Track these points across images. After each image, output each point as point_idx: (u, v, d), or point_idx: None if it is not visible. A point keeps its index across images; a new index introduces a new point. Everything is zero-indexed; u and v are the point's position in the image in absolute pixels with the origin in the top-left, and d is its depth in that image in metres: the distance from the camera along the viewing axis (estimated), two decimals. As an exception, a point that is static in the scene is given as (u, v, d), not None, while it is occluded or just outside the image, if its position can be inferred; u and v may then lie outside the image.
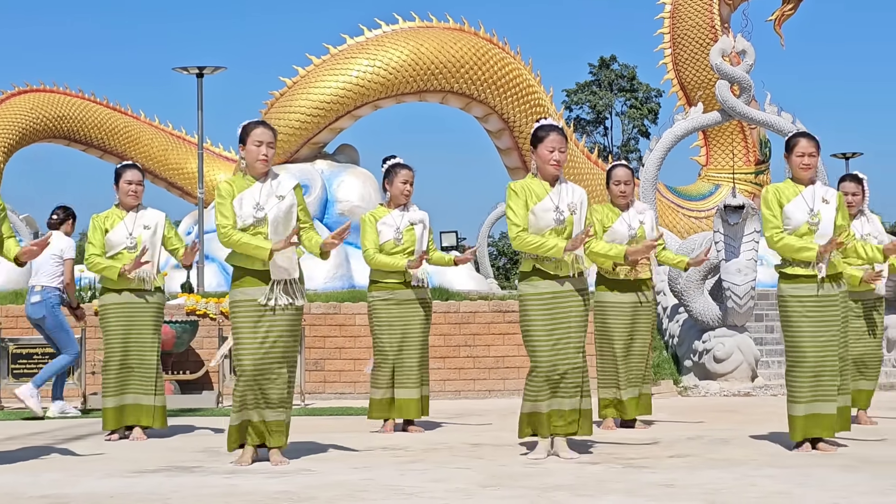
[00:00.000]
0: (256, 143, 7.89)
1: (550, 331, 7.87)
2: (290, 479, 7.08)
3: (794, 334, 8.23)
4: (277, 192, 7.90)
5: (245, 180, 7.94)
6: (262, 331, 7.77)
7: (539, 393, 7.89)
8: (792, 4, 23.67)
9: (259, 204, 7.83)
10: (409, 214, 10.04)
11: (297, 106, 20.31)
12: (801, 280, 8.21)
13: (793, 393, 8.23)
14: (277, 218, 7.83)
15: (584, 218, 8.02)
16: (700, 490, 6.50)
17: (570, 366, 7.87)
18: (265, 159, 7.90)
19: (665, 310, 16.36)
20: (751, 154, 24.09)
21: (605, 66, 65.29)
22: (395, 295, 9.96)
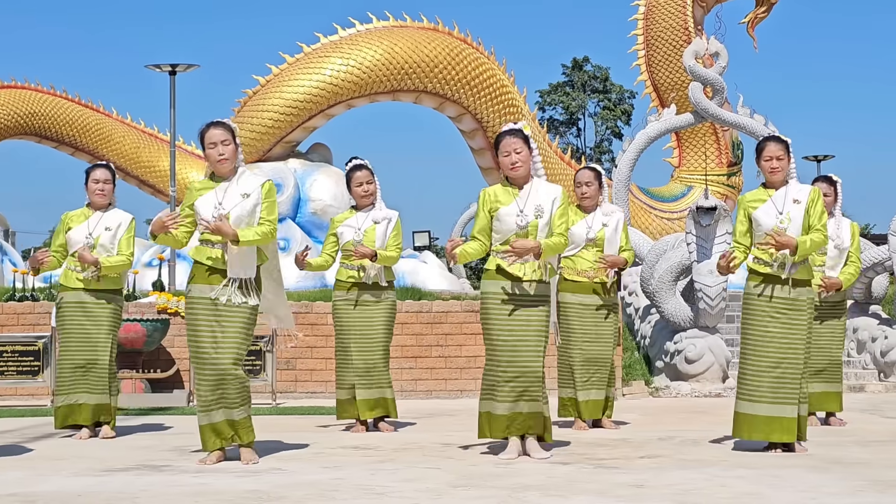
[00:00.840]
0: (210, 145, 7.90)
1: (509, 330, 7.87)
2: (261, 479, 7.05)
3: (756, 333, 8.24)
4: (242, 190, 7.87)
5: (211, 182, 7.94)
6: (215, 329, 7.74)
7: (494, 391, 7.88)
8: (765, 7, 23.75)
9: (221, 203, 7.81)
10: (374, 213, 10.01)
11: (271, 104, 20.26)
12: (770, 280, 8.24)
13: (745, 391, 8.26)
14: (240, 217, 7.80)
15: (555, 215, 7.97)
16: (670, 491, 6.50)
17: (526, 370, 7.86)
18: (224, 158, 7.88)
19: (637, 311, 16.40)
20: (723, 156, 24.16)
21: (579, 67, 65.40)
22: (356, 295, 9.93)
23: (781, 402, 8.17)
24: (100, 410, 9.57)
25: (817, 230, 8.20)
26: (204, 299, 7.78)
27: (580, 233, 9.99)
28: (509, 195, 8.01)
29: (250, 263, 7.84)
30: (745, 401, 8.30)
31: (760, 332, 8.22)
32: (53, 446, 9.04)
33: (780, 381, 8.17)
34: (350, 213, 10.11)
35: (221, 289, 7.75)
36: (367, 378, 9.88)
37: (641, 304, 16.27)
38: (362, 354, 9.89)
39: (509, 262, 7.89)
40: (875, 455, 8.12)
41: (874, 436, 9.51)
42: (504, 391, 7.88)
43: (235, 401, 7.77)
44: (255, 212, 7.87)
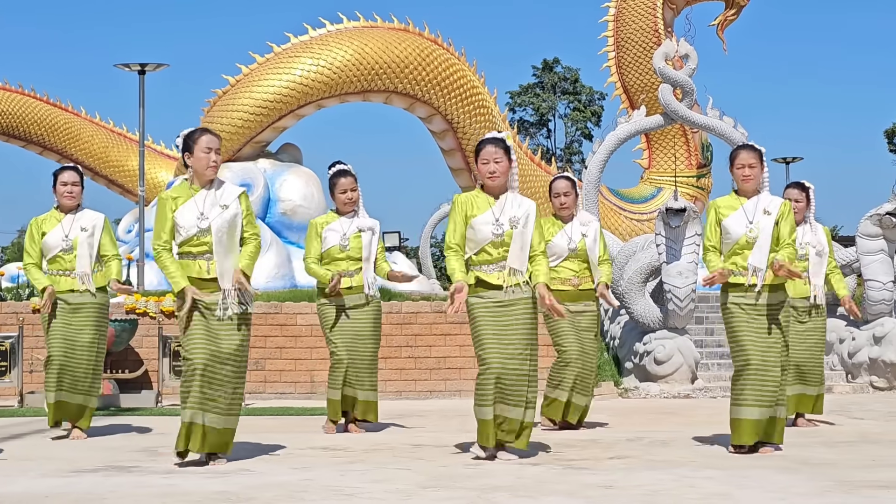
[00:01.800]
0: (206, 149, 7.82)
1: (498, 335, 7.86)
2: (230, 480, 7.03)
3: (736, 341, 8.29)
4: (221, 201, 7.83)
5: (190, 189, 7.87)
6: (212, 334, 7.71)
7: (487, 396, 7.86)
8: (734, 10, 23.85)
9: (203, 214, 7.77)
10: (359, 221, 10.01)
11: (240, 104, 20.20)
12: (741, 289, 8.27)
13: (737, 398, 8.29)
14: (221, 228, 7.77)
15: (531, 231, 7.96)
16: (639, 491, 6.52)
17: (516, 373, 7.86)
18: (215, 166, 7.86)
19: (606, 312, 16.42)
20: (693, 158, 24.24)
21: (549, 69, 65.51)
22: (341, 300, 9.92)
23: (769, 405, 8.20)
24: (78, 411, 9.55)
25: (787, 245, 8.30)
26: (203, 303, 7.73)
27: (561, 244, 10.03)
28: (485, 203, 7.99)
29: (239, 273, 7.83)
30: (734, 406, 8.31)
31: (743, 338, 8.25)
32: (21, 447, 8.99)
33: (760, 384, 8.20)
34: (331, 216, 10.08)
35: (220, 302, 7.72)
36: (356, 379, 9.87)
37: (611, 306, 16.29)
38: (351, 356, 9.88)
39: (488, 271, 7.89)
40: (842, 456, 8.16)
41: (842, 437, 9.56)
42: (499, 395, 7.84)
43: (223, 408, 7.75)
44: (236, 223, 7.84)
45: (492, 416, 7.83)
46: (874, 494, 6.39)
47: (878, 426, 10.55)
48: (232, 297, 7.75)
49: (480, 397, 7.88)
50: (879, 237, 14.88)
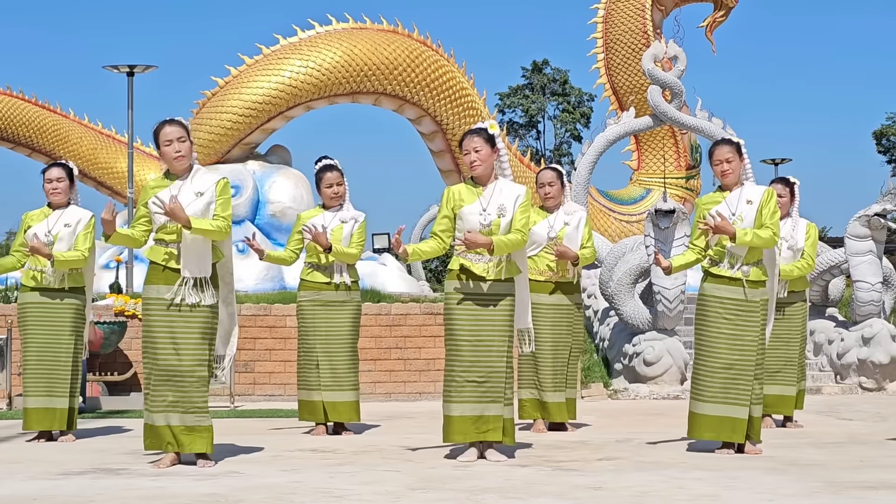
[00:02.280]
0: (166, 142, 7.86)
1: (473, 331, 7.87)
2: (218, 482, 7.02)
3: (709, 334, 8.29)
4: (196, 188, 7.84)
5: (166, 180, 7.90)
6: (176, 331, 7.69)
7: (459, 393, 7.86)
8: (723, 11, 23.86)
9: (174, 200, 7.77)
10: (342, 213, 10.02)
11: (229, 106, 20.18)
12: (723, 281, 8.28)
13: (699, 391, 8.30)
14: (195, 214, 7.76)
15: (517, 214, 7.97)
16: (628, 493, 6.53)
17: (491, 370, 7.86)
18: (180, 156, 7.86)
19: (596, 313, 16.44)
20: (682, 159, 24.26)
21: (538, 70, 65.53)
22: (322, 296, 9.92)
23: (732, 402, 8.22)
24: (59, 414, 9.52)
25: (767, 227, 8.25)
26: (160, 300, 7.73)
27: (541, 232, 10.01)
28: (473, 194, 8.04)
29: (205, 261, 7.78)
30: (697, 400, 8.36)
31: (714, 332, 8.29)
32: (8, 449, 8.97)
33: (732, 382, 8.22)
34: (317, 210, 10.10)
35: (177, 288, 7.71)
36: (332, 380, 9.86)
37: (600, 307, 16.31)
38: (328, 356, 9.88)
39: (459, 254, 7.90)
40: (831, 457, 8.18)
41: (830, 437, 9.58)
42: (466, 392, 7.85)
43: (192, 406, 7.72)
44: (210, 209, 7.83)
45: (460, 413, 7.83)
46: (862, 495, 6.40)
47: (867, 427, 10.57)
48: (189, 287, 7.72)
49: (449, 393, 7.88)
50: (868, 238, 14.90)
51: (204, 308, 7.78)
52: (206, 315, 7.80)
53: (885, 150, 67.58)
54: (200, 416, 7.75)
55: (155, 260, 7.80)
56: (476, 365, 7.86)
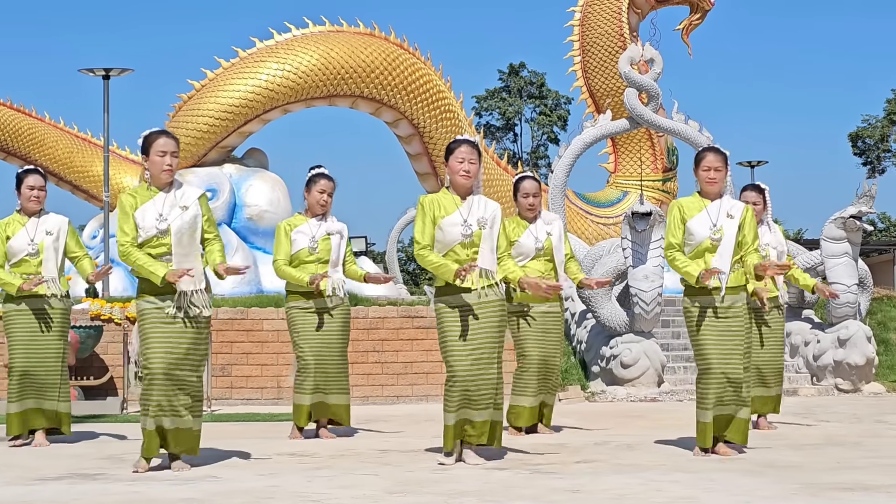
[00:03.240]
0: (160, 153, 7.82)
1: (466, 341, 7.86)
2: (196, 486, 7.00)
3: (699, 345, 8.32)
4: (181, 202, 7.82)
5: (149, 191, 7.86)
6: (171, 339, 7.69)
7: (453, 403, 7.86)
8: (699, 14, 23.94)
9: (162, 215, 7.75)
10: (327, 224, 10.01)
11: (206, 109, 20.14)
12: (703, 291, 8.30)
13: (701, 400, 8.31)
14: (181, 229, 7.75)
15: (497, 233, 8.00)
16: (606, 495, 6.53)
17: (484, 379, 7.86)
18: (170, 169, 7.84)
19: (573, 315, 16.46)
20: (658, 162, 24.32)
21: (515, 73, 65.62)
22: (313, 303, 9.91)
23: (731, 404, 8.24)
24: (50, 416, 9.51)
25: (753, 251, 8.35)
26: (156, 310, 7.70)
27: (528, 244, 10.03)
28: (452, 204, 8.00)
29: (200, 275, 7.80)
30: (705, 409, 8.33)
31: (706, 342, 8.27)
32: (-16, 455, 8.92)
33: (723, 387, 8.22)
34: (299, 219, 10.07)
35: (177, 300, 7.69)
36: (325, 384, 9.87)
37: (577, 309, 16.33)
38: (320, 361, 9.88)
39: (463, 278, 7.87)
40: (808, 459, 8.20)
41: (807, 439, 9.60)
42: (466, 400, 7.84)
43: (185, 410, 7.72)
44: (196, 224, 7.82)
45: (454, 421, 7.83)
46: (839, 497, 6.42)
47: (844, 428, 10.60)
48: (187, 300, 7.71)
49: (447, 402, 7.90)
50: (843, 240, 14.96)
51: (202, 319, 7.78)
52: (203, 326, 7.80)
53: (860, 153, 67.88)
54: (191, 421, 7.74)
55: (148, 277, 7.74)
56: (471, 374, 7.84)
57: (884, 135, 66.58)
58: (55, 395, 9.52)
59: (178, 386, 7.71)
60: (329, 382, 9.91)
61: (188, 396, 7.76)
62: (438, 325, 7.99)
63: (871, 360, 15.20)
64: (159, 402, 7.67)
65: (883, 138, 66.70)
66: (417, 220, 8.03)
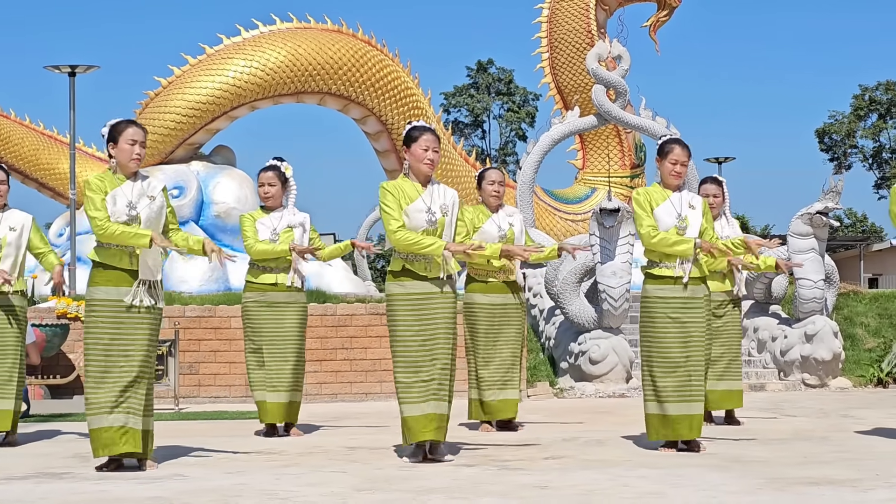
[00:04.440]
0: (130, 141, 7.78)
1: (418, 331, 7.86)
2: (163, 485, 6.97)
3: (658, 335, 8.33)
4: (148, 192, 7.81)
5: (116, 178, 7.81)
6: (122, 333, 7.62)
7: (408, 394, 7.84)
8: (667, 11, 24.02)
9: (132, 202, 7.72)
10: (288, 217, 9.98)
11: (173, 106, 20.06)
12: (666, 281, 8.33)
13: (654, 392, 8.33)
14: (150, 217, 7.74)
15: (456, 219, 8.04)
16: (574, 491, 6.54)
17: (437, 368, 7.85)
18: (138, 158, 7.82)
19: (542, 312, 16.47)
20: (626, 158, 24.38)
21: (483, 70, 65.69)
22: (268, 297, 9.88)
23: (688, 399, 8.26)
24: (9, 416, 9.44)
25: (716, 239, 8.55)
26: (109, 302, 7.65)
27: (491, 230, 10.05)
28: (415, 191, 8.00)
29: (158, 266, 7.78)
30: (653, 401, 8.37)
31: (661, 332, 8.32)
32: (-51, 455, 8.85)
33: (685, 380, 8.26)
34: (259, 213, 10.04)
35: (134, 290, 7.65)
36: (278, 381, 9.83)
37: (546, 306, 16.35)
38: (274, 357, 9.84)
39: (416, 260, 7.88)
40: (774, 454, 8.23)
41: (774, 434, 9.64)
42: (416, 391, 7.82)
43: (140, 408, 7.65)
44: (162, 214, 7.84)
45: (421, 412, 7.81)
46: (805, 491, 6.45)
47: (810, 423, 10.65)
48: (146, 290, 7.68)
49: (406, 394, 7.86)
50: (810, 236, 15.02)
51: (156, 310, 7.74)
52: (156, 317, 7.76)
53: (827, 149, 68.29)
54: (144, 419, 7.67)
55: (108, 262, 7.69)
56: (424, 363, 7.84)
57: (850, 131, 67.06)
58: (12, 393, 9.44)
59: (127, 381, 7.62)
60: (284, 379, 9.84)
61: (140, 394, 7.67)
62: (389, 310, 7.95)
63: (838, 356, 15.28)
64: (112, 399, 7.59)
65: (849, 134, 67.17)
66: (387, 203, 7.90)
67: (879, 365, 15.96)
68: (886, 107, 66.77)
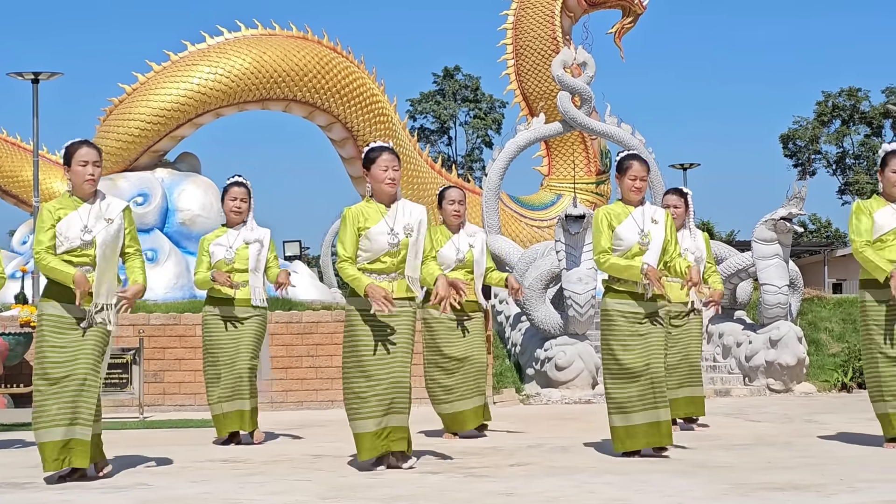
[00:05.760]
0: (81, 163, 7.75)
1: (378, 346, 7.84)
2: (127, 494, 6.93)
3: (618, 348, 8.34)
4: (106, 214, 7.75)
5: (72, 201, 7.77)
6: (69, 347, 7.57)
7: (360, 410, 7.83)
8: (631, 18, 24.07)
9: (87, 227, 7.67)
10: (244, 233, 9.96)
11: (137, 113, 19.95)
12: (625, 296, 8.35)
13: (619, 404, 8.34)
14: (106, 241, 7.68)
15: (423, 238, 8.00)
16: (540, 498, 6.54)
17: (396, 382, 7.84)
18: (92, 179, 7.76)
19: (507, 318, 16.48)
20: (592, 164, 24.42)
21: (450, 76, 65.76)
22: (226, 311, 9.85)
23: (652, 407, 8.28)
24: None
25: (679, 255, 8.53)
26: (57, 317, 7.60)
27: (449, 254, 10.10)
28: (377, 213, 7.98)
29: (113, 289, 7.73)
30: (618, 413, 8.37)
31: (622, 345, 8.33)
32: (-90, 465, 8.78)
33: (649, 388, 8.28)
34: (220, 231, 10.06)
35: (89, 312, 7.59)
36: (231, 390, 9.79)
37: (512, 312, 16.36)
38: (230, 368, 9.81)
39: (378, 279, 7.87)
40: (739, 459, 8.26)
41: (739, 440, 9.68)
42: (372, 405, 7.82)
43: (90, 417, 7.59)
44: (119, 237, 7.78)
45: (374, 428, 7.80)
46: (769, 497, 6.48)
47: (775, 428, 10.70)
48: (105, 313, 7.63)
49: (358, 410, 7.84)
50: (774, 242, 15.10)
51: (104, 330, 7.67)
52: (104, 336, 7.70)
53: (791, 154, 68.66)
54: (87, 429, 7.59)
55: (60, 281, 7.64)
56: (382, 379, 7.83)
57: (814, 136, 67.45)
58: None
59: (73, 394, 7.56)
60: (241, 389, 9.80)
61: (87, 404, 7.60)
62: (348, 326, 7.94)
63: (802, 361, 15.35)
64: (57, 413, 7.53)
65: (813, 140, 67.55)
66: (340, 233, 8.01)
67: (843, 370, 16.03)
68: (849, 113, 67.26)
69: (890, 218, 8.78)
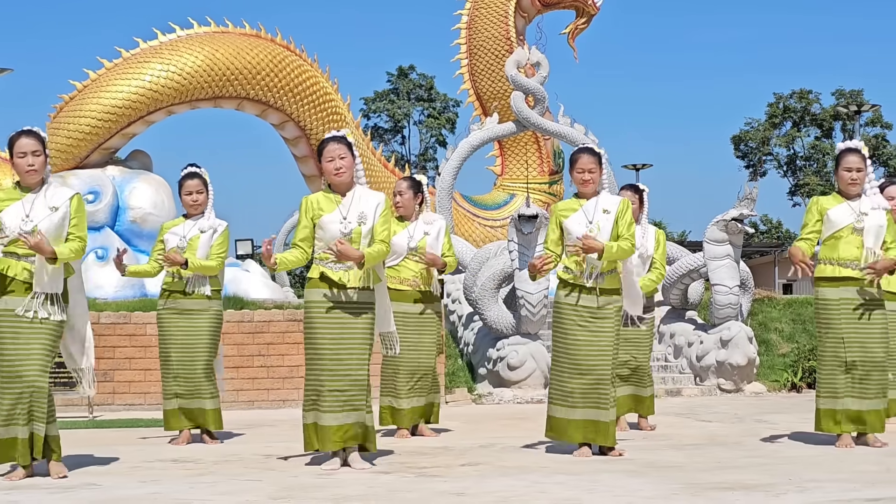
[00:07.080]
0: (20, 154, 7.71)
1: (334, 338, 7.84)
2: (74, 494, 6.86)
3: (566, 341, 8.37)
4: (51, 202, 7.68)
5: (16, 192, 7.72)
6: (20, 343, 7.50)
7: (319, 401, 7.83)
8: (585, 19, 24.14)
9: (28, 216, 7.60)
10: (201, 223, 9.90)
11: (88, 110, 19.79)
12: (578, 290, 8.36)
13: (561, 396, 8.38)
14: (49, 230, 7.60)
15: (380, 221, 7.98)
16: (491, 498, 6.54)
17: (354, 378, 7.84)
18: (33, 169, 7.70)
19: (460, 318, 16.49)
20: (545, 164, 24.47)
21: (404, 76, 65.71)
22: (179, 304, 9.80)
23: (595, 406, 8.31)
24: None
25: (625, 238, 8.40)
26: (7, 312, 7.53)
27: (401, 243, 10.07)
28: (331, 203, 8.01)
29: (58, 278, 7.64)
30: (559, 405, 8.42)
31: (571, 339, 8.36)
32: None
33: (593, 386, 8.30)
34: (180, 220, 10.02)
35: (28, 302, 7.52)
36: (187, 388, 9.75)
37: (464, 312, 16.37)
38: (183, 364, 9.76)
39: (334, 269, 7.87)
40: (690, 458, 8.30)
41: (689, 439, 9.72)
42: (329, 401, 7.82)
43: (44, 416, 7.53)
44: (64, 225, 7.69)
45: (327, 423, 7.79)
46: (720, 496, 6.50)
47: (725, 428, 10.76)
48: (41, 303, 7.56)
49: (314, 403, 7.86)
50: (726, 242, 15.19)
51: (52, 322, 7.60)
52: (54, 329, 7.62)
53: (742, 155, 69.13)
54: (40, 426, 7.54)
55: (7, 274, 7.58)
56: (339, 374, 7.83)
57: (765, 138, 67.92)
58: None
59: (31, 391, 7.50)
60: (200, 388, 9.76)
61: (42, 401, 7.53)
62: (306, 318, 7.94)
63: (753, 361, 15.45)
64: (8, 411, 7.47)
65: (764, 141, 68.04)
66: (298, 221, 8.09)
67: (793, 370, 16.15)
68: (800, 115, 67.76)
69: (844, 215, 8.93)
